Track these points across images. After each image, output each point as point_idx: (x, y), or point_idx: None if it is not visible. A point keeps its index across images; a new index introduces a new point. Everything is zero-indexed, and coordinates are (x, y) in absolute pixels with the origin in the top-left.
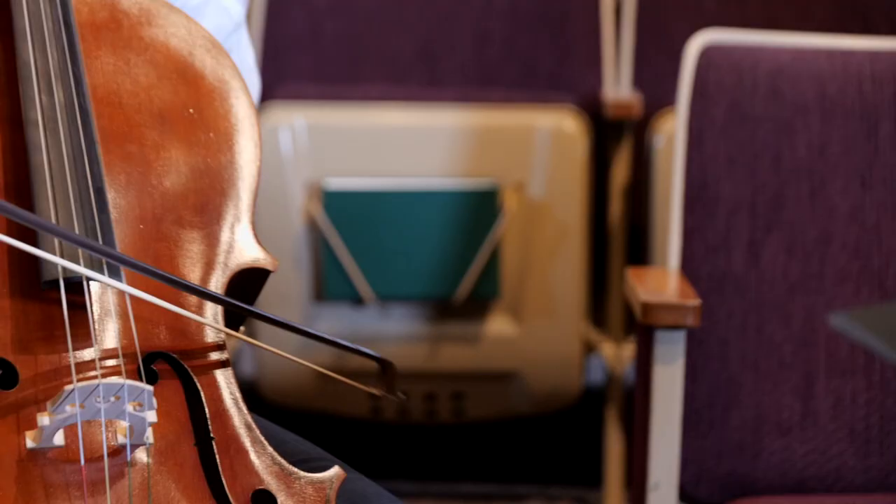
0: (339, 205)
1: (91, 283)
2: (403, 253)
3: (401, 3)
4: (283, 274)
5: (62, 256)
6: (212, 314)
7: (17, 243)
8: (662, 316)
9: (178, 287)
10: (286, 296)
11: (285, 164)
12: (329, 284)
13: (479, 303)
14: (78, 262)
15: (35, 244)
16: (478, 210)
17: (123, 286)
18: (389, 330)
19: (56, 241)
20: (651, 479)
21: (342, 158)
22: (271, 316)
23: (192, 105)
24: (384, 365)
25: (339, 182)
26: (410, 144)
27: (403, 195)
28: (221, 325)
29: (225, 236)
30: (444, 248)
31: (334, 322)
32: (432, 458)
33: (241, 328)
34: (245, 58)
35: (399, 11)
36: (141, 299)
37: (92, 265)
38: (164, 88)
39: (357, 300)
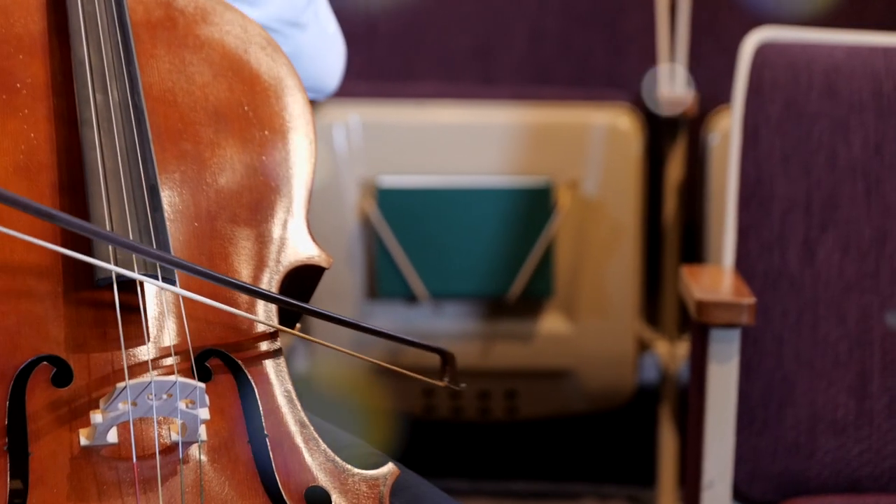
0: (392, 202)
1: (145, 281)
2: (457, 251)
3: (456, 1)
4: (336, 271)
5: (116, 258)
6: (265, 311)
7: (71, 253)
8: (717, 314)
9: (231, 287)
10: (340, 293)
11: (339, 161)
12: (382, 282)
13: (533, 301)
14: (132, 264)
15: (88, 246)
16: (532, 208)
17: (177, 289)
18: (442, 328)
19: (110, 245)
20: (705, 477)
21: (396, 156)
22: (326, 312)
23: (246, 103)
24: (445, 356)
25: (393, 180)
26: (464, 142)
27: (457, 193)
28: (275, 322)
29: (279, 234)
30: (498, 246)
31: (387, 319)
32: (485, 455)
33: (297, 325)
34: (325, 27)
35: (454, 9)
36: (194, 290)
37: (146, 267)
38: (219, 86)
39: (410, 298)
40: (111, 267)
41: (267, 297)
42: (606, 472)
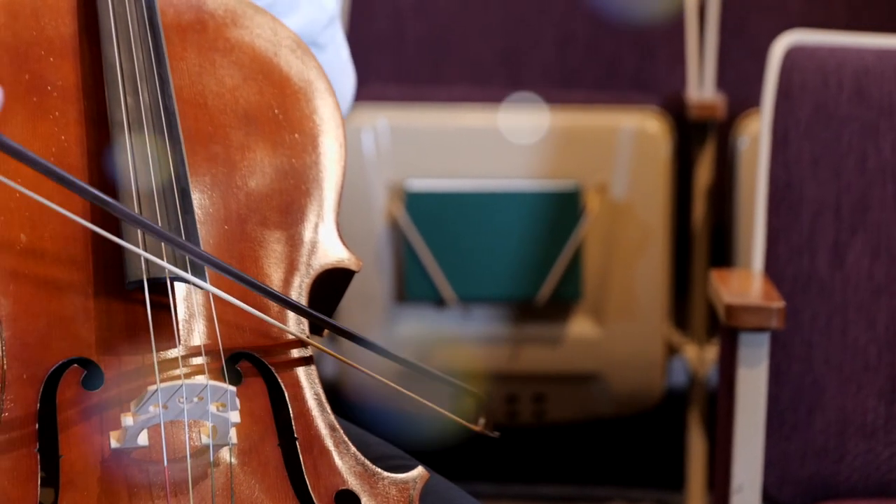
0: (421, 206)
1: (176, 283)
2: (485, 254)
3: (484, 5)
4: (364, 275)
5: (147, 264)
6: (295, 316)
7: (104, 232)
8: (746, 318)
9: (259, 292)
10: (368, 297)
11: (367, 165)
12: (411, 285)
13: (562, 304)
14: (163, 273)
15: (119, 249)
16: (560, 211)
17: (207, 286)
18: (471, 331)
19: (140, 235)
20: (734, 481)
21: (424, 160)
22: (350, 330)
23: (277, 106)
24: (481, 401)
25: (422, 183)
26: (493, 146)
27: (485, 196)
28: (305, 328)
29: (309, 237)
30: (526, 250)
31: (415, 323)
32: (513, 459)
33: (325, 332)
34: (340, 52)
35: (482, 13)
36: (225, 301)
37: (176, 264)
38: (250, 89)
39: (439, 301)
40: (141, 251)
41: (294, 308)
42: (634, 476)
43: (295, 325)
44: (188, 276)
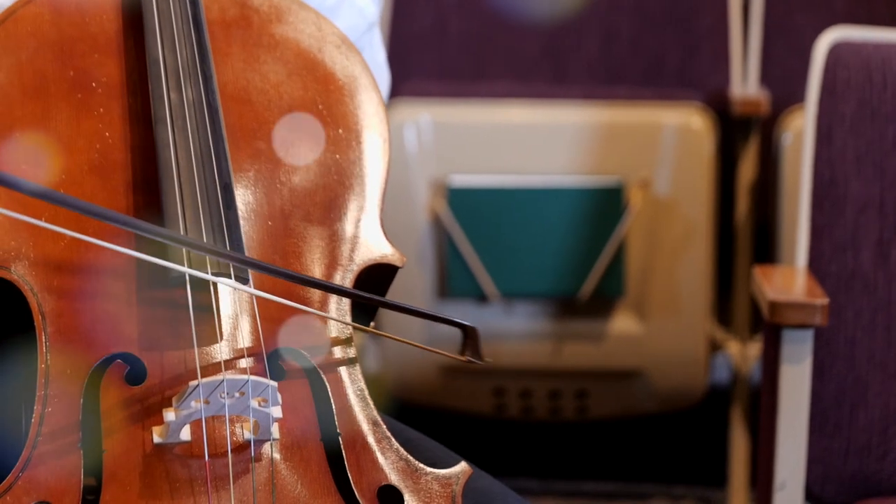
0: (463, 202)
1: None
2: (528, 250)
3: (527, 0)
4: (407, 270)
5: (189, 259)
6: (338, 311)
7: (145, 257)
8: (790, 315)
9: (304, 283)
10: (410, 292)
11: (410, 160)
12: (453, 281)
13: (604, 300)
14: (205, 264)
15: (162, 247)
16: (603, 207)
17: (250, 289)
18: (513, 327)
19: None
20: (777, 479)
21: (467, 155)
22: (396, 303)
23: (321, 101)
24: (465, 330)
25: (464, 179)
26: (536, 142)
27: (528, 192)
28: (347, 317)
29: (353, 232)
30: (569, 246)
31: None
32: (556, 455)
33: (371, 324)
34: (376, 56)
35: (525, 8)
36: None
37: (219, 267)
38: (294, 85)
39: (481, 297)
40: (186, 269)
41: (341, 292)
42: (677, 473)
43: (336, 314)
44: (231, 281)
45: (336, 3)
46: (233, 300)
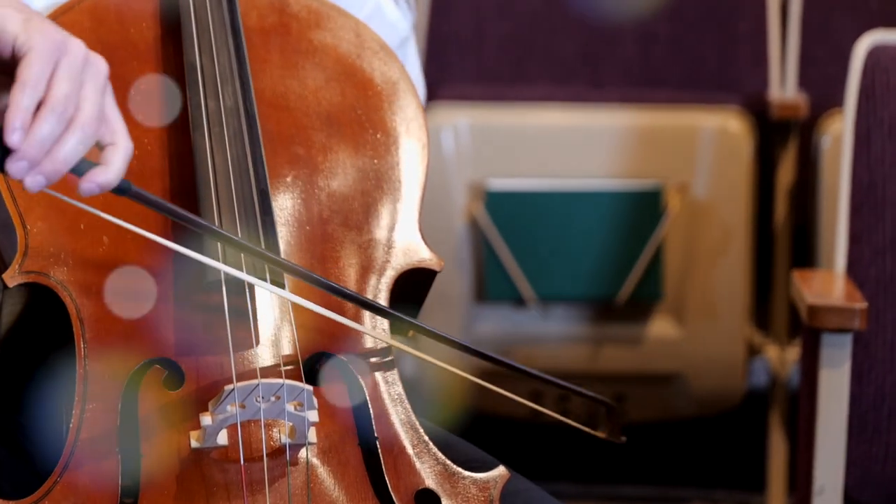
0: (501, 205)
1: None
2: (565, 254)
3: (565, 3)
4: (444, 274)
5: (225, 261)
6: (370, 317)
7: (181, 248)
8: (829, 319)
9: (337, 295)
10: (448, 296)
11: (448, 164)
12: (490, 285)
13: (642, 304)
14: (241, 268)
15: (199, 250)
16: (641, 211)
17: (285, 293)
18: (550, 331)
19: (219, 246)
20: (816, 483)
21: (505, 159)
22: (434, 329)
23: (359, 107)
24: (609, 407)
25: (502, 182)
26: (573, 145)
27: (566, 196)
28: (385, 328)
29: (391, 237)
30: (607, 249)
31: (495, 323)
32: (594, 460)
33: (410, 333)
34: (411, 70)
35: (563, 12)
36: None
37: (255, 270)
38: (332, 91)
39: (518, 301)
40: (221, 266)
41: (375, 310)
42: (715, 477)
43: (371, 325)
44: (267, 284)
45: (366, 18)
46: (269, 304)
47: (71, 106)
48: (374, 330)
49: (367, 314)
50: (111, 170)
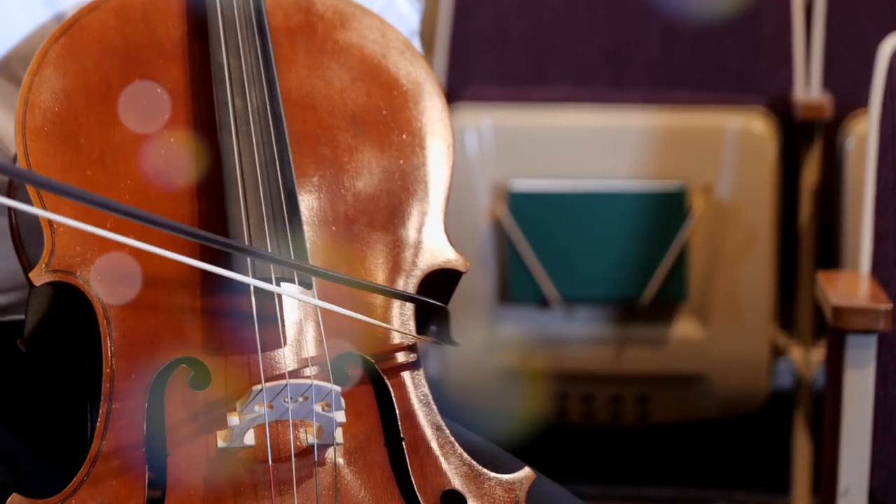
0: (524, 206)
1: (281, 284)
2: (589, 255)
3: (588, 4)
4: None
5: (254, 268)
6: (401, 317)
7: (210, 267)
8: (854, 320)
9: (368, 289)
10: (471, 297)
11: (471, 165)
12: (514, 286)
13: (666, 305)
14: (269, 271)
15: (226, 255)
16: (665, 212)
17: (314, 300)
18: (574, 332)
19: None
20: (841, 484)
21: (528, 160)
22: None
23: (385, 107)
24: (438, 310)
25: (525, 183)
26: (597, 146)
27: (589, 197)
28: (412, 327)
29: (417, 237)
30: (631, 250)
31: (518, 324)
32: (617, 461)
33: (433, 328)
34: None
35: (586, 12)
36: (332, 296)
37: (283, 272)
38: (358, 91)
39: (542, 302)
40: (250, 280)
41: (405, 297)
42: (739, 479)
43: (400, 323)
44: (296, 293)
45: (380, 11)
46: (296, 305)
47: None
48: (401, 326)
49: (395, 314)
50: None
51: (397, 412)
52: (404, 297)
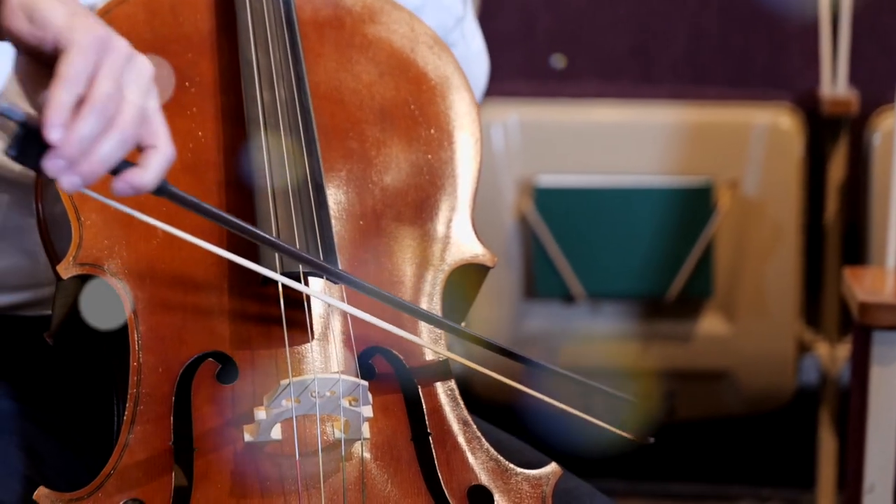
0: (550, 202)
1: (310, 278)
2: (615, 250)
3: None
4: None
5: (282, 264)
6: (429, 310)
7: (239, 259)
8: (881, 316)
9: (390, 304)
10: (497, 293)
11: (497, 160)
12: (540, 282)
13: (692, 301)
14: (297, 268)
15: (254, 250)
16: (691, 208)
17: (341, 304)
18: (600, 328)
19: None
20: (866, 481)
21: (554, 155)
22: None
23: (413, 101)
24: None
25: (551, 179)
26: (623, 141)
27: (616, 192)
28: (440, 336)
29: (445, 232)
30: (657, 246)
31: (544, 319)
32: (643, 456)
33: (462, 323)
34: (471, 46)
35: (612, 8)
36: (359, 294)
37: (311, 268)
38: (386, 85)
39: (568, 298)
40: (278, 277)
41: (427, 318)
42: (765, 475)
43: (427, 333)
44: (325, 297)
45: (421, 2)
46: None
47: (112, 105)
48: (429, 335)
49: (423, 306)
50: (148, 172)
51: (424, 407)
52: (431, 318)
